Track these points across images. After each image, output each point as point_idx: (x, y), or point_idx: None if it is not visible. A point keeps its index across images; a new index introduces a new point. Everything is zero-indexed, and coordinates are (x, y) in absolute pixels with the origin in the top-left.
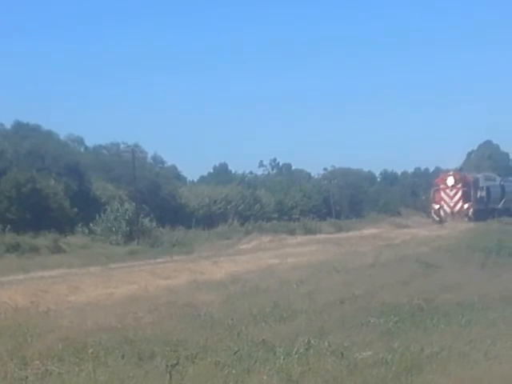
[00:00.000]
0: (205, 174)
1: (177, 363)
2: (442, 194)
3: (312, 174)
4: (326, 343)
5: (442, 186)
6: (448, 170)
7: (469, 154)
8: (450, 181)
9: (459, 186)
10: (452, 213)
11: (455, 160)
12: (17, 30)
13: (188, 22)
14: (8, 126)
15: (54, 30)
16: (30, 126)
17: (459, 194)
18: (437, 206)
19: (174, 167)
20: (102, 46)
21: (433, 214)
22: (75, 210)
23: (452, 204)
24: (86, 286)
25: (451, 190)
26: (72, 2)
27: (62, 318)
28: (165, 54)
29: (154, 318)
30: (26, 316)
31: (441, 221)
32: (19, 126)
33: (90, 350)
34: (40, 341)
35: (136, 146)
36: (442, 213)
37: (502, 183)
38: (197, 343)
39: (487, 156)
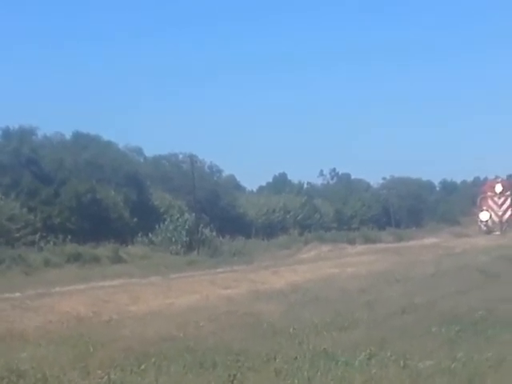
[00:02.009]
0: (264, 183)
1: (238, 373)
2: (490, 202)
3: (371, 184)
4: (388, 353)
5: (489, 194)
6: (497, 177)
7: None
8: (498, 188)
9: (508, 193)
10: (500, 222)
11: None
12: (74, 40)
13: (243, 32)
14: (68, 136)
15: (112, 40)
16: (90, 136)
17: (508, 202)
18: (484, 215)
19: (232, 177)
20: (160, 56)
21: (479, 222)
22: (135, 220)
23: (500, 213)
24: (147, 296)
25: (499, 198)
26: (130, 12)
27: (123, 328)
28: (223, 62)
29: (215, 327)
30: (88, 326)
31: (488, 230)
32: (79, 137)
33: (152, 360)
34: (102, 350)
35: (193, 155)
36: (489, 222)
37: None
38: (258, 353)
39: None
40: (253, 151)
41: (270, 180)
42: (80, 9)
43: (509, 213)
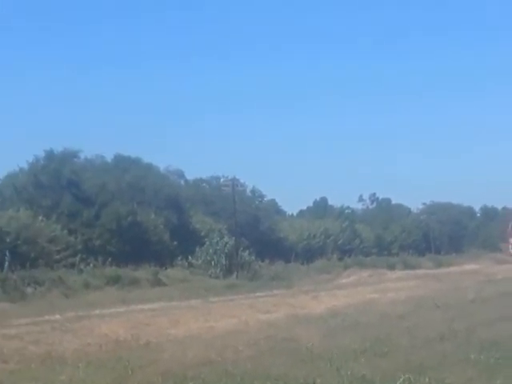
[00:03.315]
0: (304, 207)
1: None
2: None
3: (411, 209)
4: (427, 379)
5: None
6: None
7: None
8: None
9: None
10: None
11: None
12: (113, 66)
13: (286, 56)
14: (109, 159)
15: (151, 65)
16: (131, 159)
17: None
18: None
19: (273, 201)
20: (201, 80)
21: (511, 249)
22: (175, 243)
23: None
24: (187, 319)
25: None
26: (169, 36)
27: (162, 351)
28: (265, 88)
29: (253, 351)
30: (127, 348)
31: None
32: (120, 159)
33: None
34: (140, 373)
35: (235, 179)
36: None
37: None
38: (297, 378)
39: None
40: (294, 176)
41: (311, 204)
42: (117, 35)
43: None
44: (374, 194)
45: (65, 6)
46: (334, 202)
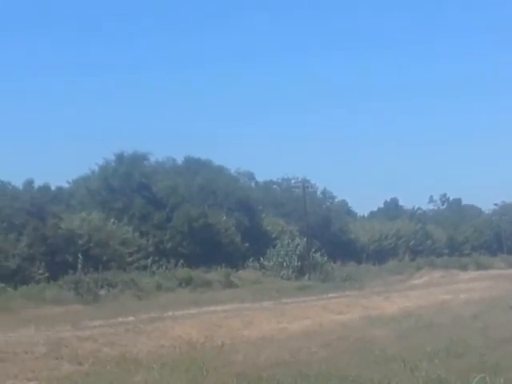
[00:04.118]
0: (375, 209)
1: None
2: None
3: (482, 209)
4: (502, 379)
5: None
6: None
7: None
8: None
9: None
10: None
11: None
12: (188, 66)
13: (357, 57)
14: (180, 161)
15: (222, 67)
16: (202, 161)
17: None
18: None
19: (344, 202)
20: (272, 81)
21: None
22: (246, 245)
23: None
24: (259, 321)
25: None
26: (235, 37)
27: (235, 353)
28: (336, 88)
29: (327, 353)
30: (201, 350)
31: None
32: (191, 162)
33: None
34: (215, 375)
35: (306, 180)
36: None
37: None
38: (371, 379)
39: None
40: (365, 177)
41: (381, 205)
42: (182, 36)
43: None
44: (445, 194)
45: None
46: (405, 202)
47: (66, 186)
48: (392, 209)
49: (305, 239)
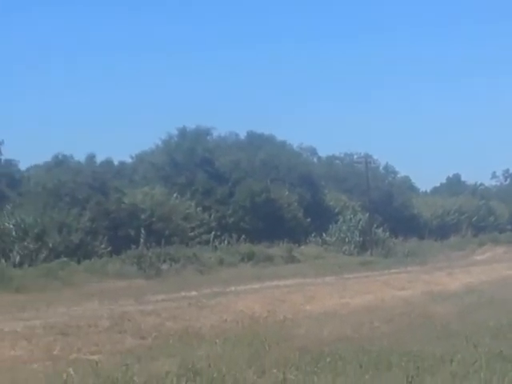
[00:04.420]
0: (437, 184)
1: (416, 374)
2: None
3: None
4: None
5: None
6: None
7: None
8: None
9: None
10: None
11: None
12: (253, 42)
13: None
14: (242, 136)
15: (291, 42)
16: (264, 136)
17: None
18: None
19: (406, 178)
20: (333, 57)
21: None
22: (308, 220)
23: None
24: (322, 296)
25: None
26: (299, 17)
27: (298, 327)
28: (396, 66)
29: (389, 328)
30: (263, 325)
31: None
32: (253, 137)
33: (328, 360)
34: (277, 349)
35: (368, 155)
36: None
37: None
38: (433, 354)
39: None
40: (427, 152)
41: (444, 181)
42: (243, 14)
43: None
44: (508, 170)
45: None
46: (467, 178)
47: (129, 160)
48: (454, 184)
49: (367, 214)
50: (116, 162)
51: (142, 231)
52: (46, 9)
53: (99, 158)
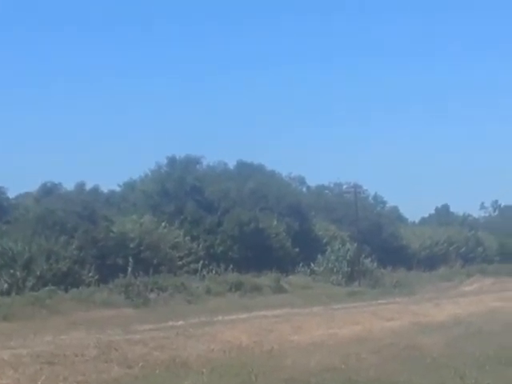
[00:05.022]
0: (426, 215)
1: None
2: None
3: None
4: None
5: None
6: None
7: None
8: None
9: None
10: None
11: None
12: (237, 68)
13: (408, 61)
14: (232, 166)
15: (277, 68)
16: (254, 165)
17: None
18: None
19: (395, 208)
20: (321, 86)
21: None
22: (297, 250)
23: None
24: (309, 326)
25: None
26: (287, 41)
27: (285, 358)
28: (383, 94)
29: (377, 359)
30: (250, 355)
31: None
32: (243, 166)
33: None
34: (264, 380)
35: (357, 185)
36: None
37: None
38: None
39: None
40: (415, 183)
41: (433, 211)
42: (235, 40)
43: None
44: (497, 201)
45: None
46: (456, 209)
47: (118, 189)
48: (443, 215)
49: (355, 245)
50: (105, 190)
51: (130, 260)
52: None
53: (88, 186)
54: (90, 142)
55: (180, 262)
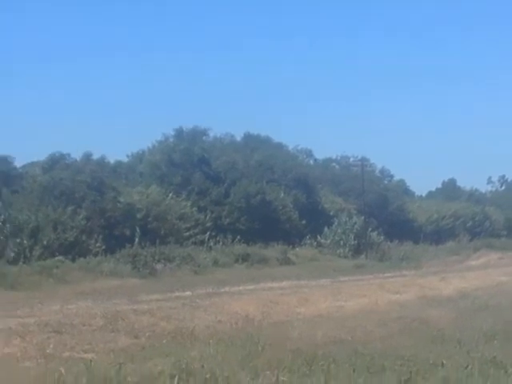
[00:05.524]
0: (433, 189)
1: (409, 378)
2: None
3: None
4: None
5: None
6: None
7: None
8: None
9: None
10: None
11: None
12: (247, 42)
13: (424, 40)
14: (239, 138)
15: (290, 40)
16: (261, 137)
17: None
18: None
19: (402, 181)
20: (330, 59)
21: None
22: (303, 222)
23: None
24: (316, 298)
25: None
26: (307, 16)
27: (292, 330)
28: (395, 68)
29: (383, 332)
30: (257, 326)
31: None
32: (250, 138)
33: (321, 363)
34: (271, 351)
35: (364, 159)
36: None
37: None
38: (427, 359)
39: None
40: (423, 156)
41: (439, 185)
42: (254, 14)
43: None
44: (504, 176)
45: None
46: (463, 183)
47: (125, 160)
48: (450, 190)
49: (362, 218)
50: (112, 161)
51: (137, 230)
52: (43, 9)
53: (95, 157)
54: (98, 114)
55: (187, 233)
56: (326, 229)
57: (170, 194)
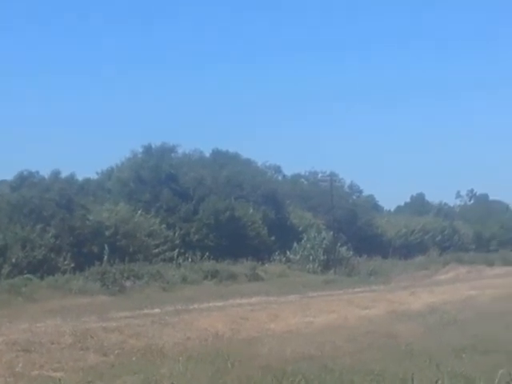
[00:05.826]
0: (401, 203)
1: None
2: None
3: (510, 205)
4: None
5: None
6: None
7: None
8: None
9: None
10: None
11: None
12: (217, 61)
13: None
14: (207, 154)
15: (252, 61)
16: (229, 154)
17: None
18: None
19: (371, 196)
20: (300, 76)
21: None
22: (273, 238)
23: None
24: (285, 314)
25: None
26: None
27: (261, 346)
28: (362, 84)
29: (353, 347)
30: (227, 343)
31: None
32: (218, 155)
33: (290, 379)
34: (240, 368)
35: (333, 174)
36: None
37: None
38: (396, 374)
39: None
40: (391, 171)
41: (408, 200)
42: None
43: None
44: (472, 190)
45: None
46: (431, 198)
47: (94, 177)
48: (419, 204)
49: (331, 233)
50: (80, 178)
51: (106, 248)
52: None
53: (63, 174)
54: (66, 130)
55: (156, 250)
56: (295, 244)
57: (139, 211)
